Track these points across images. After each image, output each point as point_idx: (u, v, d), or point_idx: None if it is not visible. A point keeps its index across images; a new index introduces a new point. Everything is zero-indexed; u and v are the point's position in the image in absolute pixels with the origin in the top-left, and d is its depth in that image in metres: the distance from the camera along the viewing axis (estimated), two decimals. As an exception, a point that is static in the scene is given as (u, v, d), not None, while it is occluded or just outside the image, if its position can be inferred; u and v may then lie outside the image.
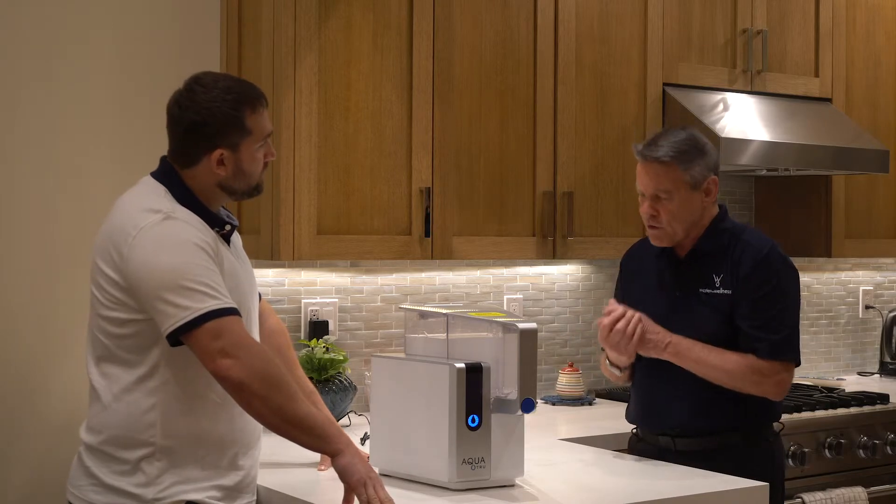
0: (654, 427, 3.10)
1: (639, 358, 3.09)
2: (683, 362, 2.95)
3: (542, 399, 4.08)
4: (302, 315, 3.72)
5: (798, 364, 3.01)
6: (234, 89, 2.49)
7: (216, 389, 2.43)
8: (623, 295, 3.20)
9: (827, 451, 3.95)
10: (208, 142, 2.47)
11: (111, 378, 2.46)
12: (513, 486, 2.67)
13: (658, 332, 2.95)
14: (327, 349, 3.52)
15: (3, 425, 3.24)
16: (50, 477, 3.18)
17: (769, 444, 3.06)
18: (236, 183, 2.52)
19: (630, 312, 2.94)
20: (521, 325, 2.59)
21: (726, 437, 3.00)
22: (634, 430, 3.20)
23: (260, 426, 2.55)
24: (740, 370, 2.93)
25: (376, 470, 2.55)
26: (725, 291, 2.98)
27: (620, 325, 2.93)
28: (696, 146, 3.00)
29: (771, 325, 2.95)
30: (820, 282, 4.99)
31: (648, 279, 3.14)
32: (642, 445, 3.14)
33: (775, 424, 3.11)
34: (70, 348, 3.23)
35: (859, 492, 3.94)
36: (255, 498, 2.59)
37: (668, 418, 3.05)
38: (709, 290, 3.00)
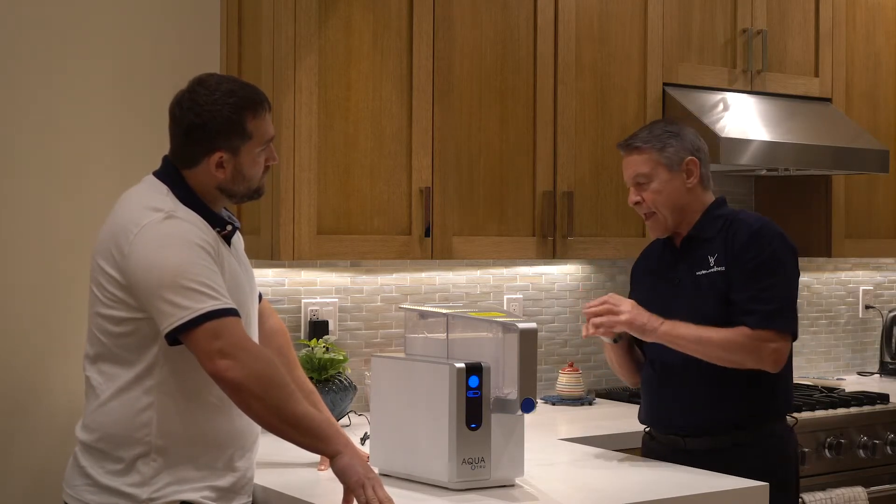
0: (662, 429, 3.10)
1: (647, 360, 3.11)
2: (678, 341, 2.93)
3: (542, 399, 4.08)
4: (302, 315, 3.72)
5: (794, 335, 2.98)
6: (237, 93, 2.49)
7: (214, 391, 2.43)
8: (634, 297, 3.22)
9: (827, 451, 3.95)
10: (208, 144, 2.47)
11: (108, 376, 2.46)
12: (513, 486, 2.67)
13: (648, 318, 2.94)
14: (327, 349, 3.52)
15: (3, 425, 3.24)
16: (50, 476, 3.18)
17: (781, 440, 3.05)
18: (236, 186, 2.52)
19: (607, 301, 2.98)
20: (521, 325, 2.59)
21: (737, 434, 2.99)
22: (647, 430, 3.20)
23: (258, 427, 2.55)
24: (734, 340, 2.91)
25: (376, 470, 2.55)
26: (719, 269, 2.99)
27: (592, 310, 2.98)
28: (669, 129, 3.08)
29: (762, 297, 2.93)
30: (820, 282, 4.99)
31: (653, 274, 3.17)
32: (655, 444, 3.14)
33: (788, 419, 3.10)
34: (71, 348, 3.23)
35: (859, 492, 3.94)
36: (251, 499, 2.59)
37: (675, 420, 3.05)
38: (704, 270, 3.01)
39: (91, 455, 2.48)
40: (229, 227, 2.56)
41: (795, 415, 3.16)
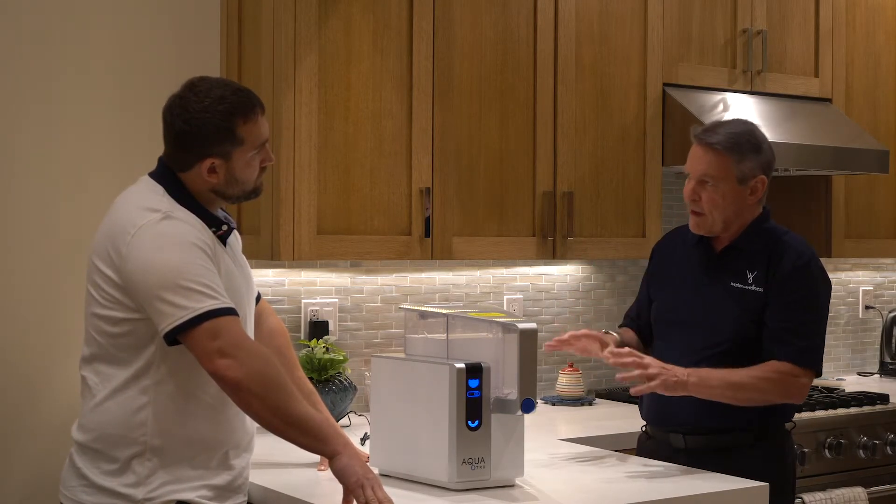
0: (664, 424, 3.09)
1: (652, 352, 3.10)
2: (710, 392, 2.90)
3: (542, 399, 4.08)
4: (302, 315, 3.72)
5: (819, 374, 3.00)
6: (228, 99, 2.47)
7: (209, 390, 2.44)
8: (650, 282, 3.21)
9: (827, 451, 3.95)
10: (199, 151, 2.47)
11: (104, 376, 2.46)
12: (513, 486, 2.67)
13: (676, 377, 2.87)
14: (327, 349, 3.52)
15: (4, 425, 3.24)
16: (50, 476, 3.18)
17: (780, 443, 3.05)
18: (230, 189, 2.52)
19: (645, 364, 2.87)
20: (521, 326, 2.59)
21: (737, 435, 3.00)
22: (644, 428, 3.20)
23: (254, 427, 2.55)
24: (767, 378, 2.90)
25: (376, 470, 2.55)
26: (757, 289, 2.97)
27: (634, 361, 2.86)
28: (753, 142, 3.01)
29: (800, 331, 2.94)
30: (820, 282, 4.98)
31: (680, 267, 3.13)
32: (652, 443, 3.13)
33: (787, 423, 3.11)
34: (71, 348, 3.22)
35: (859, 492, 3.94)
36: (246, 499, 2.59)
37: (678, 416, 3.04)
38: (740, 284, 2.99)
39: (86, 455, 2.48)
40: (225, 227, 2.55)
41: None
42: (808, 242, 3.07)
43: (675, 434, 3.06)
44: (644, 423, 3.20)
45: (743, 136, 3.01)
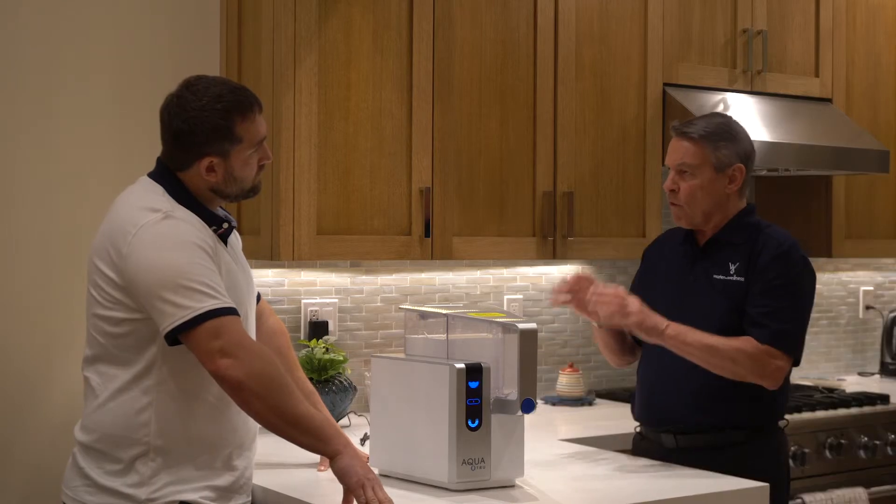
0: (655, 423, 3.10)
1: (643, 351, 3.10)
2: (684, 347, 2.91)
3: (542, 399, 4.08)
4: (302, 315, 3.72)
5: (797, 362, 2.99)
6: (225, 97, 2.47)
7: (211, 390, 2.44)
8: (640, 284, 3.22)
9: (827, 451, 3.95)
10: (197, 150, 2.47)
11: (106, 377, 2.46)
12: (513, 486, 2.67)
13: (655, 320, 2.91)
14: (327, 349, 3.52)
15: (4, 424, 3.24)
16: (50, 476, 3.18)
17: (774, 442, 3.05)
18: (228, 188, 2.52)
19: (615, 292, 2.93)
20: (521, 326, 2.59)
21: (729, 434, 3.00)
22: (637, 429, 3.20)
23: (256, 427, 2.55)
24: (743, 350, 2.90)
25: (376, 471, 2.55)
26: (738, 278, 2.98)
27: (604, 291, 2.92)
28: (729, 130, 3.06)
29: (777, 314, 2.93)
30: (820, 282, 4.97)
31: (667, 266, 3.16)
32: (646, 444, 3.14)
33: (780, 421, 3.10)
34: (71, 347, 3.23)
35: (860, 492, 3.93)
36: (250, 499, 2.59)
37: (669, 414, 3.05)
38: (722, 276, 3.01)
39: (90, 456, 2.47)
40: (225, 226, 2.56)
41: (790, 415, 3.16)
42: (790, 235, 3.07)
43: (666, 434, 3.06)
44: (637, 424, 3.20)
45: (719, 127, 3.05)
